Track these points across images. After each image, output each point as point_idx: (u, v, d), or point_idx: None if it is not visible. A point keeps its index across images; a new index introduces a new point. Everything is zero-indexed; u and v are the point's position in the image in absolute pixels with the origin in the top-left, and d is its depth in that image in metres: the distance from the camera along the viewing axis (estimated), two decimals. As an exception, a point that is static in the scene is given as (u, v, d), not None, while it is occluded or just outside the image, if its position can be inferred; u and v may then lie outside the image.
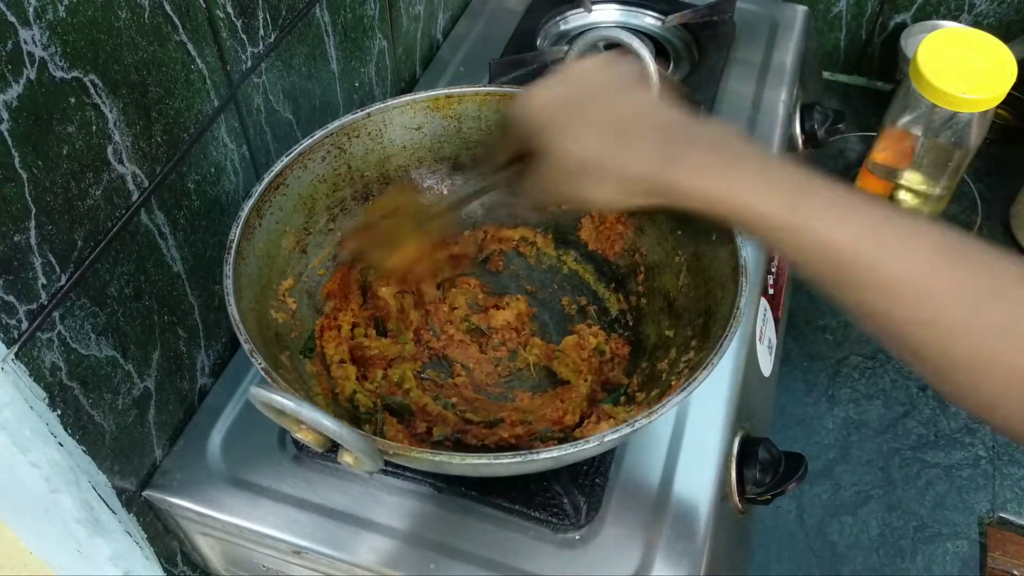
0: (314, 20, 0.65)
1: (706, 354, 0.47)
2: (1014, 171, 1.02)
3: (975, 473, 0.79)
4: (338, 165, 0.60)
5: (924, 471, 0.79)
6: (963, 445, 0.81)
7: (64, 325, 0.46)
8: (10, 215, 0.41)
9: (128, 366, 0.53)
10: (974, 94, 0.81)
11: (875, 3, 1.11)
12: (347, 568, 0.54)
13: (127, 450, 0.54)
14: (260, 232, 0.54)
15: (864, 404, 0.84)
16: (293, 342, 0.56)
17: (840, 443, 0.81)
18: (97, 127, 0.45)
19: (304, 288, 0.59)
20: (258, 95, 0.61)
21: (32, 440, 0.45)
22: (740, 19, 0.94)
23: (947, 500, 0.77)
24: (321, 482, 0.57)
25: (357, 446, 0.41)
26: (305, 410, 0.39)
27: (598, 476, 0.56)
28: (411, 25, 0.86)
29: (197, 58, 0.52)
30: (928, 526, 0.76)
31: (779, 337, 0.79)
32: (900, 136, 0.90)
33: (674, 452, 0.59)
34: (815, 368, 0.87)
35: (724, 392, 0.62)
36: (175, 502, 0.57)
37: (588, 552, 0.54)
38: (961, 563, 0.73)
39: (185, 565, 0.64)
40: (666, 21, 0.93)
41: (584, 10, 0.95)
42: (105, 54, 0.44)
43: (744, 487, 0.60)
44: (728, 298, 0.50)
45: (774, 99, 0.86)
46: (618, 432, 0.43)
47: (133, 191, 0.50)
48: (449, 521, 0.55)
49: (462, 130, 0.63)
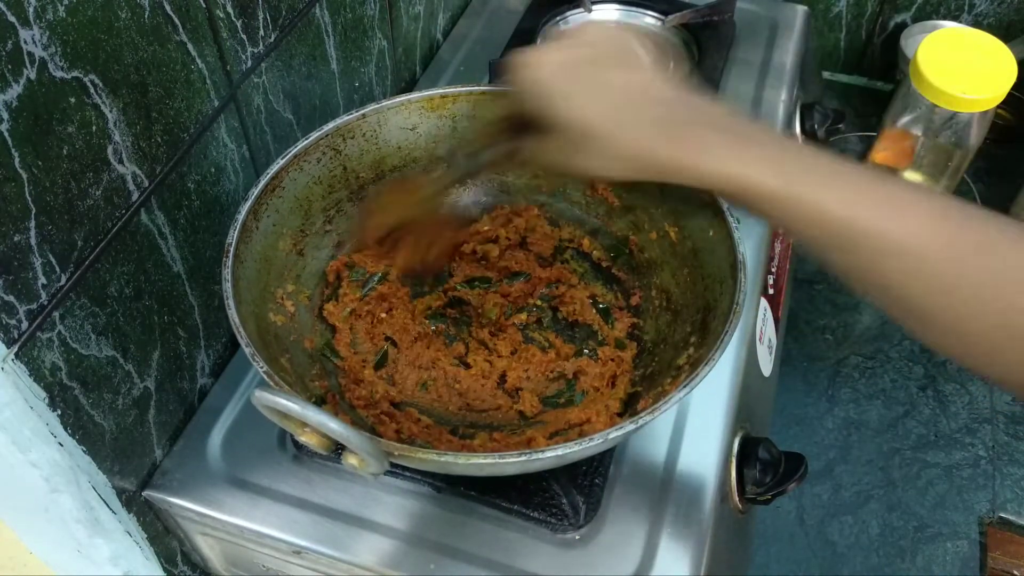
0: (314, 20, 0.65)
1: (706, 350, 0.47)
2: (1014, 171, 1.02)
3: (975, 473, 0.79)
4: (333, 167, 0.60)
5: (924, 471, 0.79)
6: (963, 445, 0.81)
7: (64, 325, 0.46)
8: (10, 215, 0.41)
9: (128, 366, 0.53)
10: (974, 94, 0.81)
11: (875, 3, 1.11)
12: (347, 568, 0.54)
13: (127, 450, 0.54)
14: (257, 235, 0.54)
15: (864, 404, 0.84)
16: (293, 344, 0.56)
17: (840, 443, 0.81)
18: (97, 127, 0.45)
19: (302, 291, 0.59)
20: (258, 95, 0.61)
21: (32, 440, 0.45)
22: (740, 19, 0.94)
23: (947, 500, 0.77)
24: (321, 482, 0.57)
25: (363, 448, 0.41)
26: (311, 412, 0.39)
27: (597, 476, 0.56)
28: (411, 25, 0.86)
29: (197, 58, 0.52)
30: (928, 526, 0.76)
31: (779, 337, 0.79)
32: (900, 136, 0.91)
33: (674, 452, 0.59)
34: (815, 368, 0.87)
35: (724, 392, 0.62)
36: (175, 502, 0.57)
37: (588, 552, 0.54)
38: (961, 563, 0.73)
39: (185, 565, 0.64)
40: (666, 21, 0.93)
41: (584, 10, 0.95)
42: (105, 54, 0.44)
43: (744, 487, 0.60)
44: (727, 294, 0.50)
45: (774, 99, 0.86)
46: (622, 429, 0.43)
47: (133, 191, 0.50)
48: (449, 521, 0.55)
49: (457, 130, 0.63)
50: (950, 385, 0.85)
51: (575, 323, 0.64)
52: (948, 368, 0.86)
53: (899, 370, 0.86)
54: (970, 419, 0.82)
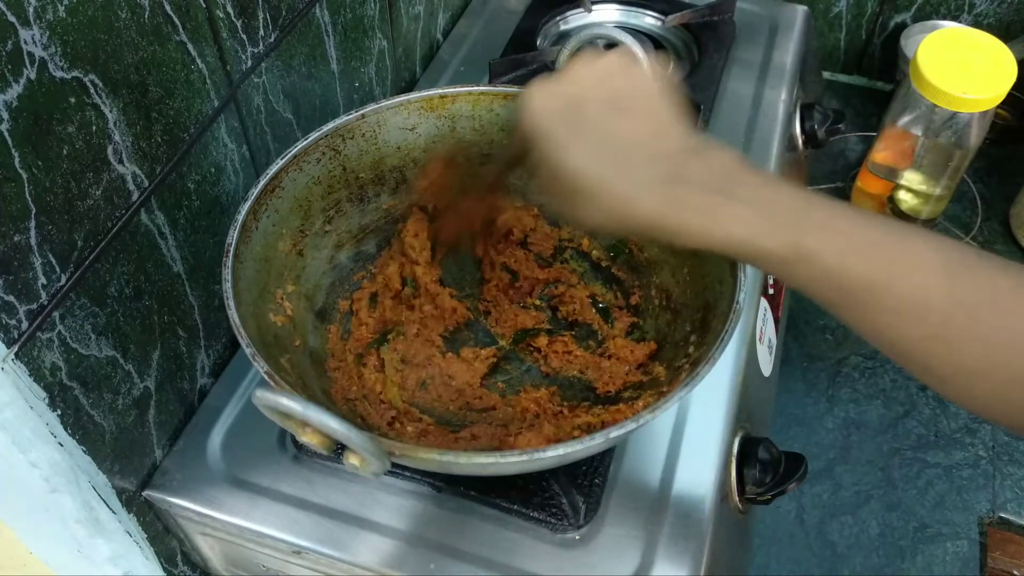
0: (314, 20, 0.65)
1: (707, 349, 0.47)
2: (1014, 171, 1.02)
3: (975, 473, 0.79)
4: (333, 167, 0.60)
5: (924, 471, 0.79)
6: (963, 445, 0.81)
7: (64, 325, 0.46)
8: (10, 215, 0.41)
9: (128, 366, 0.53)
10: (974, 94, 0.81)
11: (875, 3, 1.11)
12: (347, 568, 0.54)
13: (127, 450, 0.54)
14: (257, 236, 0.54)
15: (864, 404, 0.84)
16: (294, 348, 0.56)
17: (840, 443, 0.81)
18: (97, 127, 0.45)
19: (302, 291, 0.59)
20: (258, 95, 0.61)
21: (32, 440, 0.45)
22: (740, 19, 0.94)
23: (947, 500, 0.77)
24: (321, 482, 0.57)
25: (364, 447, 0.40)
26: (312, 412, 0.39)
27: (597, 476, 0.56)
28: (411, 25, 0.86)
29: (197, 58, 0.52)
30: (928, 526, 0.76)
31: (779, 337, 0.79)
32: (900, 136, 0.90)
33: (674, 452, 0.59)
34: (815, 368, 0.87)
35: (724, 392, 0.62)
36: (175, 502, 0.57)
37: (588, 552, 0.54)
38: (961, 563, 0.73)
39: (185, 565, 0.64)
40: (666, 21, 0.93)
41: (584, 10, 0.95)
42: (105, 54, 0.44)
43: (744, 487, 0.60)
44: (727, 292, 0.50)
45: (774, 99, 0.86)
46: (623, 428, 0.43)
47: (133, 191, 0.50)
48: (449, 521, 0.55)
49: (456, 130, 0.63)
50: (950, 385, 0.85)
51: (575, 323, 0.64)
52: (948, 368, 0.86)
53: (899, 370, 0.86)
54: (970, 419, 0.82)
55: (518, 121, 0.47)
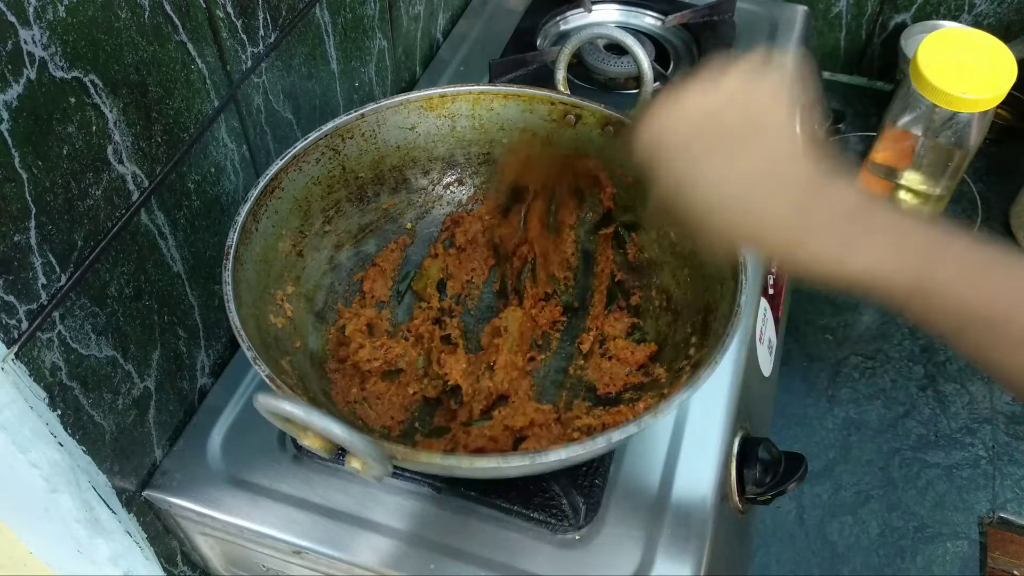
0: (314, 20, 0.65)
1: (708, 351, 0.47)
2: (1014, 171, 1.02)
3: (975, 473, 0.79)
4: (332, 167, 0.60)
5: (924, 471, 0.79)
6: (963, 445, 0.81)
7: (64, 325, 0.46)
8: (10, 215, 0.41)
9: (128, 366, 0.53)
10: (974, 94, 0.81)
11: (875, 3, 1.11)
12: (347, 568, 0.54)
13: (127, 450, 0.54)
14: (257, 237, 0.54)
15: (864, 404, 0.84)
16: (294, 350, 0.56)
17: (840, 443, 0.81)
18: (97, 127, 0.45)
19: (301, 292, 0.59)
20: (258, 95, 0.61)
21: (32, 440, 0.45)
22: (740, 19, 0.94)
23: (947, 500, 0.77)
24: (321, 482, 0.57)
25: (366, 452, 0.40)
26: (315, 418, 0.39)
27: (597, 477, 0.56)
28: (411, 25, 0.86)
29: (197, 58, 0.52)
30: (928, 526, 0.76)
31: (779, 337, 0.79)
32: (900, 136, 0.90)
33: (674, 452, 0.59)
34: (815, 368, 0.87)
35: (724, 392, 0.62)
36: (175, 502, 0.57)
37: (588, 552, 0.54)
38: (961, 563, 0.73)
39: (185, 565, 0.64)
40: (666, 21, 0.93)
41: (584, 10, 0.95)
42: (105, 54, 0.44)
43: (744, 487, 0.60)
44: (728, 294, 0.50)
45: (774, 99, 0.86)
46: (626, 432, 0.43)
47: (133, 191, 0.50)
48: (449, 521, 0.55)
49: (456, 129, 0.63)
50: (950, 385, 0.85)
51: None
52: (948, 368, 0.86)
53: (899, 370, 0.86)
54: (970, 419, 0.82)
55: (634, 136, 0.44)
